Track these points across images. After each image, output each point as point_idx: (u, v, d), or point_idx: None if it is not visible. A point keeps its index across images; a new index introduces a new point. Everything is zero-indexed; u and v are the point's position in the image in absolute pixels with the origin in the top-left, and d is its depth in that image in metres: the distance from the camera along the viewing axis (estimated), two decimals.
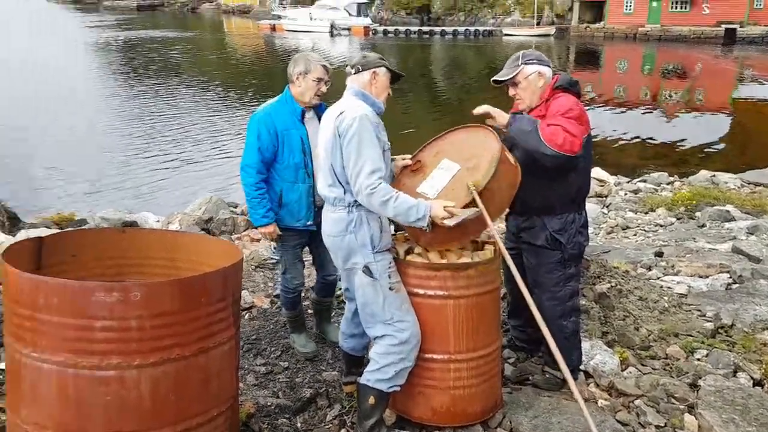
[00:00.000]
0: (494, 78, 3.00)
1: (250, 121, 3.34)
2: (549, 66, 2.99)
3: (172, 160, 13.50)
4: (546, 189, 2.94)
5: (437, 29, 47.50)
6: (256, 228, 3.50)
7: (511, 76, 2.95)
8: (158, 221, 7.42)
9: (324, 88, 3.31)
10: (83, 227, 6.60)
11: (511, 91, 3.01)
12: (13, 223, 6.63)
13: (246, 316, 4.17)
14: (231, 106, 19.84)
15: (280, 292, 3.76)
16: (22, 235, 5.72)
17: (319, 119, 3.31)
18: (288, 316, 3.71)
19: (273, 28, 49.56)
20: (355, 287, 2.72)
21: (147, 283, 2.13)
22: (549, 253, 3.01)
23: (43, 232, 5.63)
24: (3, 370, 2.86)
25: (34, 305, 2.05)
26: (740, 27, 41.59)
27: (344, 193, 2.67)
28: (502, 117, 2.89)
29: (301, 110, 3.30)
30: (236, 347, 2.48)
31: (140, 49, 36.78)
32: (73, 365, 2.05)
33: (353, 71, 2.83)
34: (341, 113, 2.64)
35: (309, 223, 3.37)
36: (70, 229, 6.10)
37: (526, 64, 2.94)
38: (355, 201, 2.65)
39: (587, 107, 3.14)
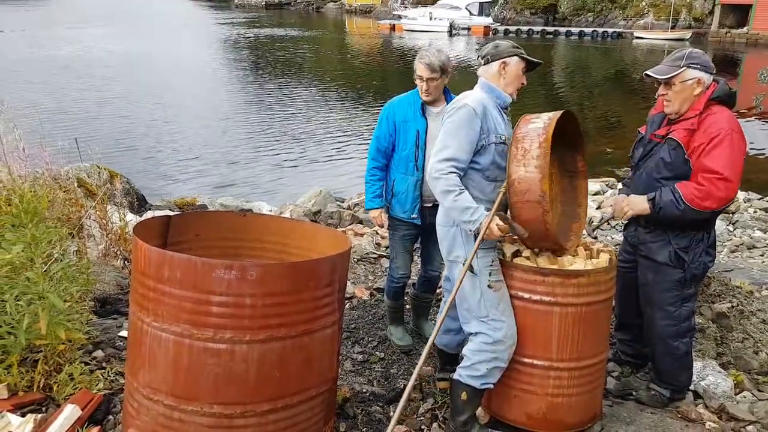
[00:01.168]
0: (648, 72, 2.81)
1: (381, 112, 3.52)
2: (712, 73, 2.75)
3: (290, 156, 14.12)
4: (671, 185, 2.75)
5: (562, 29, 45.89)
6: (366, 211, 3.67)
7: (668, 75, 2.74)
8: (271, 210, 7.86)
9: (426, 86, 3.28)
10: (173, 209, 7.08)
11: (662, 90, 2.81)
12: (141, 204, 7.28)
13: (347, 306, 4.34)
14: (348, 107, 20.45)
15: (385, 281, 3.86)
16: (148, 215, 6.26)
17: None
18: (389, 306, 3.81)
19: (392, 28, 50.31)
20: (455, 281, 2.74)
21: (263, 263, 2.29)
22: (670, 270, 2.85)
23: (167, 213, 6.14)
24: (125, 338, 3.18)
25: (160, 277, 2.23)
26: None
27: None
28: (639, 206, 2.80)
29: (422, 103, 3.37)
30: (338, 332, 2.60)
31: (267, 46, 38.83)
32: (189, 336, 2.22)
33: (482, 62, 2.81)
34: (448, 108, 2.70)
35: (414, 216, 3.45)
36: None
37: (689, 66, 2.72)
38: None
39: None
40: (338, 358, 2.68)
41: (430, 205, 3.41)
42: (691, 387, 3.12)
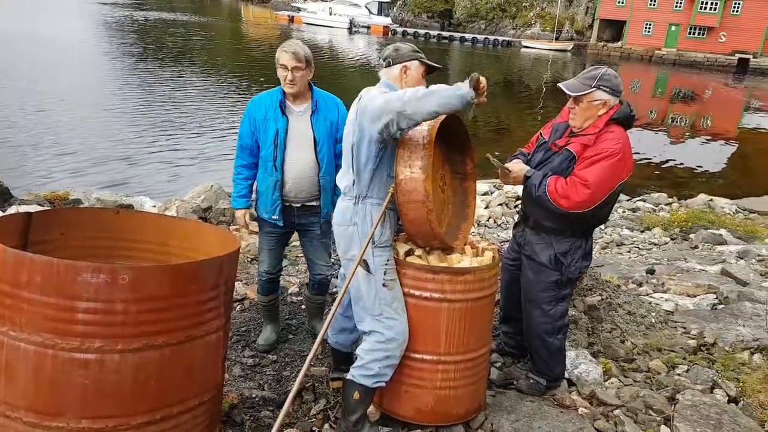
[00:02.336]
0: (560, 85, 2.90)
1: None
2: (618, 96, 2.85)
3: (177, 147, 13.40)
4: (565, 215, 2.88)
5: (457, 35, 47.54)
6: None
7: (578, 93, 2.83)
8: (155, 206, 7.40)
9: (292, 76, 3.10)
10: (43, 204, 6.53)
11: (570, 104, 2.92)
12: (4, 198, 6.55)
13: (238, 308, 4.18)
14: (241, 96, 19.84)
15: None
16: (12, 210, 5.68)
17: (312, 113, 3.25)
18: (260, 300, 3.69)
19: (291, 20, 49.58)
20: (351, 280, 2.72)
21: (137, 266, 2.13)
22: (548, 272, 3.01)
23: (34, 209, 5.58)
24: None
25: (17, 283, 2.01)
26: (753, 57, 41.71)
27: (353, 183, 2.67)
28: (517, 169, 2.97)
29: (281, 101, 3.21)
30: (224, 338, 2.48)
31: (153, 30, 36.73)
32: (53, 346, 2.02)
33: (384, 64, 2.79)
34: (361, 98, 2.63)
35: (275, 217, 3.34)
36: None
37: (599, 88, 2.81)
38: (363, 194, 2.65)
39: None
40: (224, 364, 2.57)
41: (299, 206, 3.34)
42: (566, 375, 3.32)
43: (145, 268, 2.13)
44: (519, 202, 3.14)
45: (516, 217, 3.29)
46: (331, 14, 48.70)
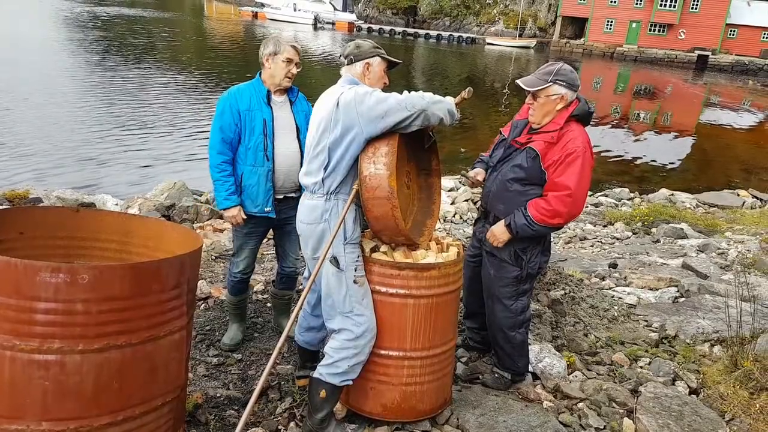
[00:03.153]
0: (518, 81, 2.95)
1: (217, 102, 3.29)
2: (575, 91, 2.92)
3: (140, 144, 13.12)
4: (523, 207, 2.95)
5: (422, 32, 47.79)
6: (221, 211, 3.44)
7: (535, 88, 2.88)
8: (117, 204, 7.25)
9: (294, 70, 3.25)
10: (2, 203, 6.36)
11: (529, 100, 2.97)
12: None
13: (201, 306, 4.13)
14: (204, 92, 19.53)
15: (227, 276, 3.71)
16: None
17: (291, 104, 3.30)
18: (229, 300, 3.66)
19: (255, 16, 49.13)
20: (321, 277, 2.71)
21: (97, 265, 2.08)
22: (509, 267, 3.05)
23: None
24: None
25: None
26: (712, 54, 43.00)
27: (323, 179, 2.64)
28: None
29: (266, 91, 3.24)
30: (187, 337, 2.45)
31: (113, 26, 35.91)
32: (11, 347, 1.98)
33: (346, 62, 2.79)
34: (342, 93, 2.60)
35: (267, 209, 3.31)
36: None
37: (555, 82, 2.87)
38: (335, 190, 2.63)
39: None
40: (188, 364, 2.53)
41: (281, 197, 3.33)
42: (530, 369, 3.39)
43: (105, 267, 2.09)
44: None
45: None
46: (295, 10, 48.45)
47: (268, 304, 4.14)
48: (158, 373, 2.26)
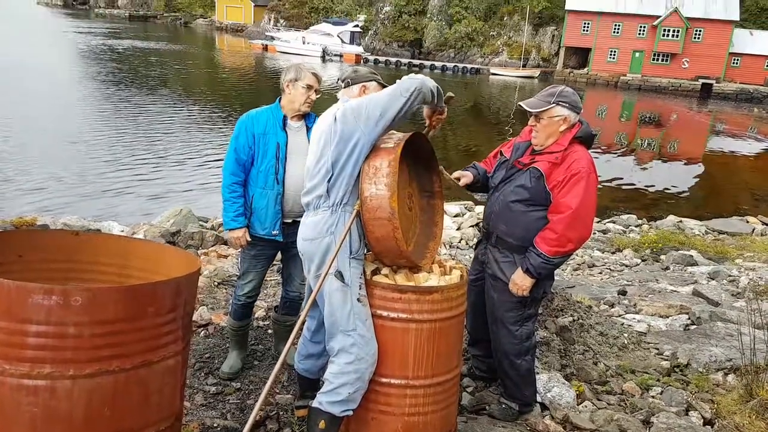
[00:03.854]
0: (521, 103, 2.95)
1: (236, 124, 3.36)
2: (577, 113, 2.91)
3: (150, 173, 13.35)
4: (528, 229, 2.91)
5: (427, 63, 48.44)
6: (226, 232, 3.44)
7: (538, 110, 2.87)
8: (123, 231, 7.26)
9: (314, 96, 3.31)
10: (10, 229, 6.37)
11: (532, 122, 2.95)
12: None
13: (201, 333, 4.06)
14: (216, 122, 19.80)
15: (231, 300, 3.66)
16: None
17: (308, 130, 3.33)
18: (231, 326, 3.60)
19: (265, 48, 50.04)
20: (324, 294, 2.63)
21: (90, 287, 2.03)
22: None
23: None
24: None
25: None
26: (716, 83, 43.26)
27: (328, 191, 2.60)
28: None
29: (282, 116, 3.30)
30: (183, 363, 2.38)
31: (128, 59, 36.66)
32: (0, 372, 1.92)
33: (343, 84, 2.84)
34: (338, 109, 2.63)
35: (275, 232, 3.31)
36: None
37: (558, 104, 2.86)
38: (340, 201, 2.59)
39: None
40: (183, 392, 2.46)
41: (290, 221, 3.31)
42: (539, 399, 3.28)
43: (99, 290, 2.04)
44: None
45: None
46: (304, 43, 49.32)
47: (269, 331, 4.06)
48: (152, 399, 2.18)
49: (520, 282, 2.91)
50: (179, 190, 12.20)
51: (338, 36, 49.78)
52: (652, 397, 3.52)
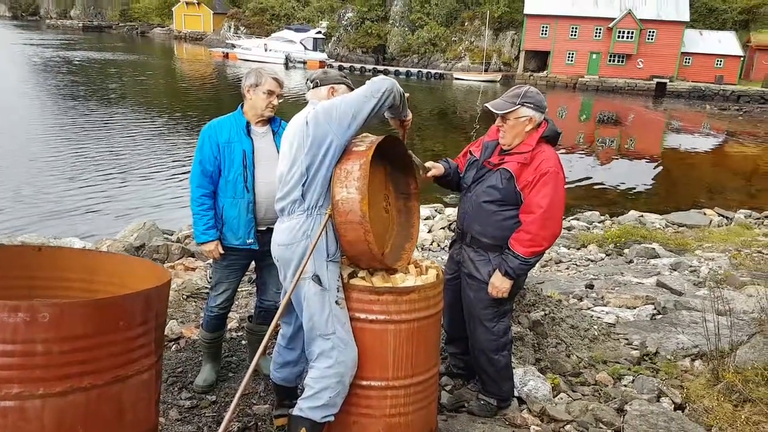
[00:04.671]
0: (486, 105, 2.98)
1: (199, 135, 3.28)
2: (542, 112, 2.95)
3: (112, 188, 13.03)
4: (501, 228, 2.95)
5: (391, 69, 48.65)
6: (198, 246, 3.37)
7: (503, 111, 2.91)
8: (85, 247, 7.06)
9: (275, 101, 3.25)
10: None
11: (498, 122, 2.99)
12: None
13: (173, 348, 3.98)
14: (179, 132, 19.45)
15: (204, 312, 3.59)
16: None
17: (274, 134, 3.29)
18: (203, 338, 3.52)
19: (226, 56, 49.53)
20: (301, 299, 2.60)
21: (58, 302, 1.97)
22: (488, 288, 3.01)
23: None
24: None
25: None
26: (670, 82, 44.60)
27: (303, 195, 2.57)
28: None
29: (246, 123, 3.24)
30: (157, 377, 2.32)
31: (85, 70, 35.83)
32: None
33: (312, 85, 2.79)
34: (309, 112, 2.60)
35: (249, 241, 3.25)
36: None
37: (523, 105, 2.90)
38: (315, 204, 2.56)
39: None
40: (158, 406, 2.40)
41: (264, 228, 3.26)
42: (516, 393, 3.32)
43: (67, 305, 1.98)
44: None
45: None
46: (266, 50, 49.00)
47: (243, 342, 4.00)
48: (126, 416, 2.12)
49: (499, 284, 2.95)
50: (143, 204, 11.94)
51: (301, 43, 49.68)
52: (625, 385, 3.60)
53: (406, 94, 2.72)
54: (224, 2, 67.18)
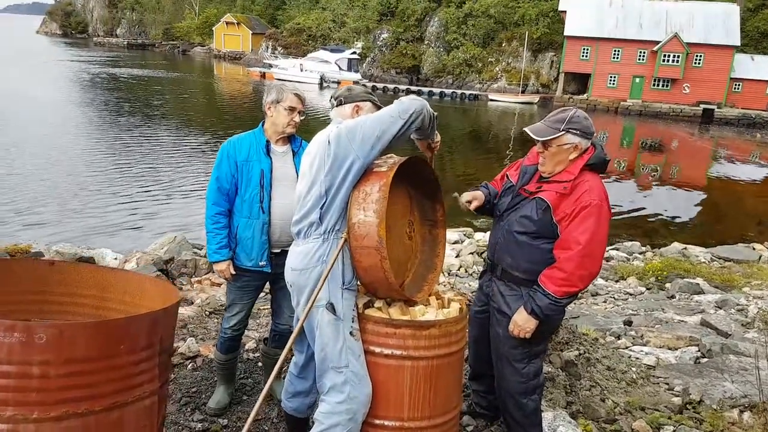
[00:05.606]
0: (526, 129, 2.71)
1: (218, 152, 3.21)
2: (589, 139, 2.67)
3: (148, 201, 13.36)
4: (535, 262, 2.69)
5: (425, 89, 48.77)
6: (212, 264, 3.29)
7: (546, 138, 2.63)
8: (116, 259, 7.12)
9: (297, 118, 3.16)
10: (4, 257, 6.22)
11: (539, 148, 2.73)
12: None
13: (189, 366, 3.88)
14: (215, 148, 19.78)
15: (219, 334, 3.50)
16: None
17: (294, 155, 3.20)
18: (217, 359, 3.42)
19: (263, 76, 50.53)
20: (314, 328, 2.46)
21: (56, 323, 1.89)
22: None
23: None
24: None
25: None
26: (718, 108, 43.36)
27: (321, 218, 2.45)
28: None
29: (266, 141, 3.16)
30: (160, 403, 2.21)
31: (129, 87, 37.09)
32: None
33: (335, 103, 2.70)
34: (332, 131, 2.48)
35: (262, 263, 3.16)
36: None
37: (568, 131, 2.62)
38: (332, 228, 2.43)
39: None
40: None
41: (279, 251, 3.16)
42: None
43: (66, 326, 1.89)
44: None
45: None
46: (302, 70, 49.84)
47: (260, 364, 3.88)
48: None
49: (523, 324, 2.69)
50: (176, 217, 12.15)
51: (336, 63, 50.36)
52: None
53: (435, 113, 2.57)
54: (262, 22, 68.80)
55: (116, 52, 66.94)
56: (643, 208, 16.55)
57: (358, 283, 2.55)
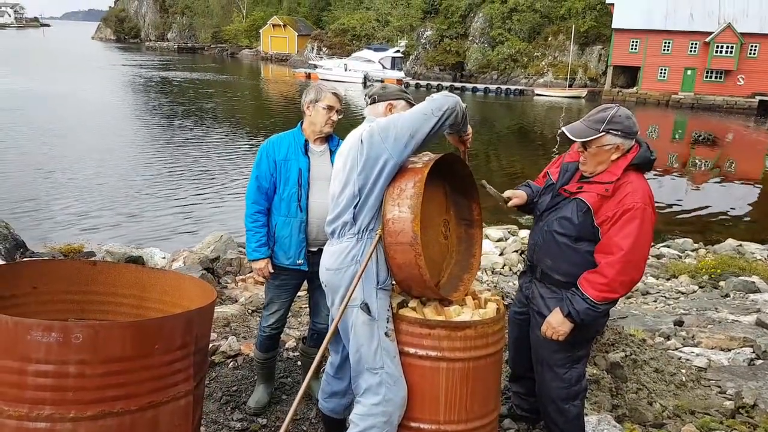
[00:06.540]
0: (564, 130, 2.56)
1: (257, 151, 3.26)
2: (632, 139, 2.53)
3: (196, 199, 13.72)
4: (576, 264, 2.58)
5: (469, 85, 48.35)
6: (250, 262, 3.33)
7: (585, 139, 2.51)
8: (164, 258, 7.31)
9: (335, 117, 3.17)
10: (45, 258, 6.44)
11: (578, 148, 2.60)
12: (17, 250, 6.51)
13: (230, 365, 3.92)
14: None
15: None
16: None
17: (331, 154, 3.21)
18: (257, 358, 3.46)
19: (308, 76, 51.16)
20: (348, 328, 2.44)
21: (92, 324, 1.93)
22: None
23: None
24: None
25: None
26: None
27: (354, 218, 2.43)
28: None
29: (304, 141, 3.18)
30: (195, 403, 2.23)
31: (180, 90, 38.16)
32: None
33: (369, 101, 2.68)
34: (364, 130, 2.46)
35: (299, 261, 3.17)
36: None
37: (609, 132, 2.49)
38: (366, 227, 2.41)
39: None
40: None
41: (315, 249, 3.16)
42: None
43: (102, 326, 1.92)
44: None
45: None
46: (346, 70, 50.20)
47: (299, 363, 3.89)
48: None
49: (557, 325, 2.59)
50: (228, 219, 12.38)
51: (379, 62, 50.50)
52: None
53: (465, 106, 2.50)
54: (308, 24, 69.50)
55: (167, 56, 68.97)
56: (696, 204, 15.92)
57: (393, 283, 2.51)
